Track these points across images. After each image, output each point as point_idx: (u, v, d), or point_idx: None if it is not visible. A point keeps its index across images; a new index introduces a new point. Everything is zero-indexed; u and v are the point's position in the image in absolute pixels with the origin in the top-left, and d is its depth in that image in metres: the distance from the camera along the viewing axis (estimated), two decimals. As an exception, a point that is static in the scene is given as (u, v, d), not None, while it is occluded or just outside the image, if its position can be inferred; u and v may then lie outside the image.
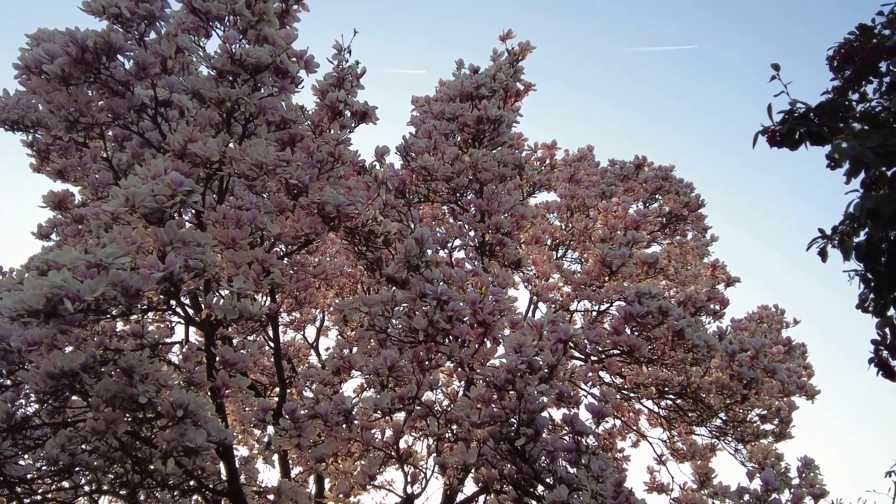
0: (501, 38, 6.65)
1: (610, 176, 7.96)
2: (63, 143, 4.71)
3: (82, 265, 3.28)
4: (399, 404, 4.07)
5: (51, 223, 6.51)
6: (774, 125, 2.29)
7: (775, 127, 2.28)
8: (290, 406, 4.16)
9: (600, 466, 4.24)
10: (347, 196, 4.09)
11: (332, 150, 4.20)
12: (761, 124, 2.31)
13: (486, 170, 5.36)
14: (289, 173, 3.97)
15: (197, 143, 3.91)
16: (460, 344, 4.17)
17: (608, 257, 5.60)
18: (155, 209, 3.46)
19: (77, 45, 3.65)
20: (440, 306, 4.10)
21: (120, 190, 3.44)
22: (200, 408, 3.72)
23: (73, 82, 3.87)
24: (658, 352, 5.16)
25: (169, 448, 3.68)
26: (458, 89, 5.68)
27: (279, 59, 4.05)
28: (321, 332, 9.04)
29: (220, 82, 4.10)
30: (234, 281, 3.98)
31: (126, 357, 3.70)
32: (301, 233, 4.07)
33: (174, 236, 3.61)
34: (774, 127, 2.28)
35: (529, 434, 4.06)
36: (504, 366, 3.91)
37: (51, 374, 3.51)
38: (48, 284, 3.10)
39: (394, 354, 4.06)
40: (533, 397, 4.02)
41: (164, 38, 3.87)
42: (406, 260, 4.09)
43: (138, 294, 3.40)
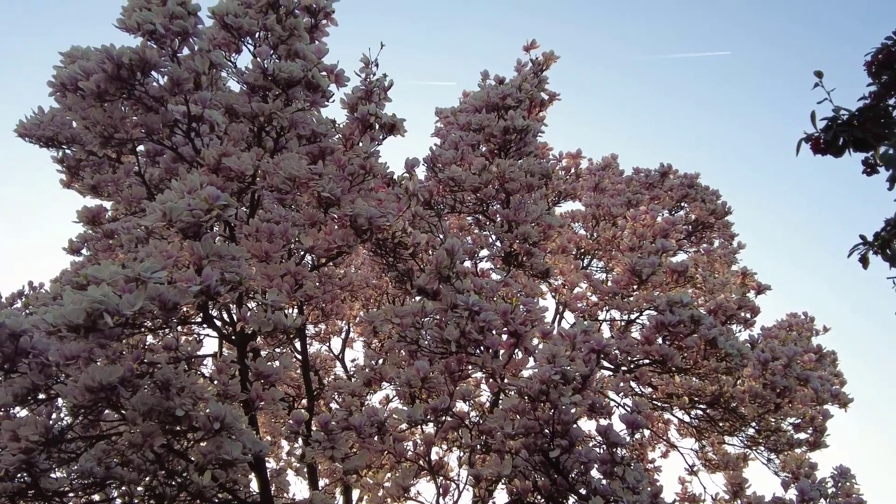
0: (525, 49, 6.66)
1: (635, 184, 7.93)
2: (96, 159, 4.78)
3: (121, 280, 3.32)
4: (432, 416, 4.07)
5: (81, 238, 6.60)
6: (818, 132, 2.27)
7: (819, 134, 2.26)
8: (323, 418, 4.17)
9: (636, 477, 4.21)
10: (378, 208, 4.11)
11: (363, 162, 4.23)
12: (804, 132, 2.29)
13: (513, 180, 5.36)
14: (321, 186, 3.99)
15: (231, 157, 3.95)
16: (492, 355, 4.16)
17: (637, 266, 5.57)
18: (192, 223, 3.49)
19: (113, 61, 3.70)
20: (472, 317, 4.10)
21: (157, 205, 3.48)
22: (236, 420, 3.74)
23: (108, 98, 3.93)
24: (690, 361, 5.12)
25: (205, 460, 3.70)
26: (485, 100, 5.69)
27: (310, 73, 4.08)
28: (346, 344, 9.07)
29: (252, 97, 4.14)
30: (267, 293, 4.01)
31: (162, 370, 3.73)
32: (333, 245, 4.09)
33: (210, 250, 3.64)
34: (818, 134, 2.27)
35: (564, 445, 4.03)
36: (537, 377, 3.90)
37: (89, 387, 3.54)
38: (88, 299, 3.14)
39: (426, 366, 4.06)
40: (567, 408, 4.00)
41: (197, 55, 3.92)
42: (437, 271, 4.10)
43: (176, 308, 3.43)
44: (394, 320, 4.30)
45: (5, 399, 3.86)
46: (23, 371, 3.88)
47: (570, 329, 4.14)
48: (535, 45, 6.69)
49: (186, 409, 3.73)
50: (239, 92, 4.18)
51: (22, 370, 3.89)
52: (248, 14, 4.24)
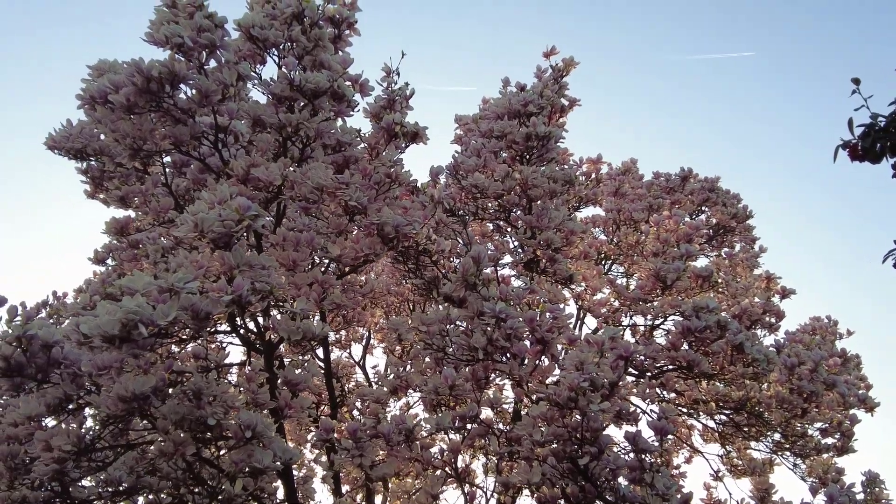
0: (545, 55, 6.68)
1: (656, 189, 7.91)
2: (124, 171, 4.83)
3: (154, 290, 3.35)
4: (460, 423, 4.08)
5: (107, 248, 6.67)
6: (856, 139, 2.27)
7: (857, 141, 2.26)
8: (352, 426, 4.19)
9: (665, 484, 4.19)
10: (404, 216, 4.13)
11: (388, 171, 4.25)
12: (841, 139, 2.29)
13: (536, 186, 5.37)
14: (348, 195, 4.02)
15: (259, 167, 3.99)
16: (519, 362, 4.17)
17: (662, 271, 5.55)
18: (223, 234, 3.52)
19: (142, 74, 3.75)
20: (498, 324, 4.10)
21: (189, 216, 3.51)
22: (267, 428, 3.77)
23: (137, 111, 3.97)
24: (716, 367, 5.10)
25: (237, 469, 3.73)
26: (506, 107, 5.70)
27: (336, 83, 4.11)
28: (367, 351, 9.09)
29: (278, 108, 4.18)
30: (296, 302, 4.04)
31: (194, 379, 3.76)
32: (361, 253, 4.12)
33: (241, 259, 3.67)
34: (856, 141, 2.26)
35: (593, 452, 4.03)
36: (566, 384, 3.89)
37: (122, 397, 3.58)
38: (123, 310, 3.18)
39: (453, 373, 4.07)
40: (596, 415, 3.99)
41: (224, 66, 3.96)
42: (464, 279, 4.11)
43: (208, 317, 3.46)
44: (420, 328, 4.31)
45: (38, 409, 3.91)
46: (55, 382, 3.93)
47: (598, 335, 4.13)
48: (555, 51, 6.70)
49: (218, 418, 3.76)
50: (266, 102, 4.22)
51: (54, 381, 3.94)
52: (274, 26, 4.28)
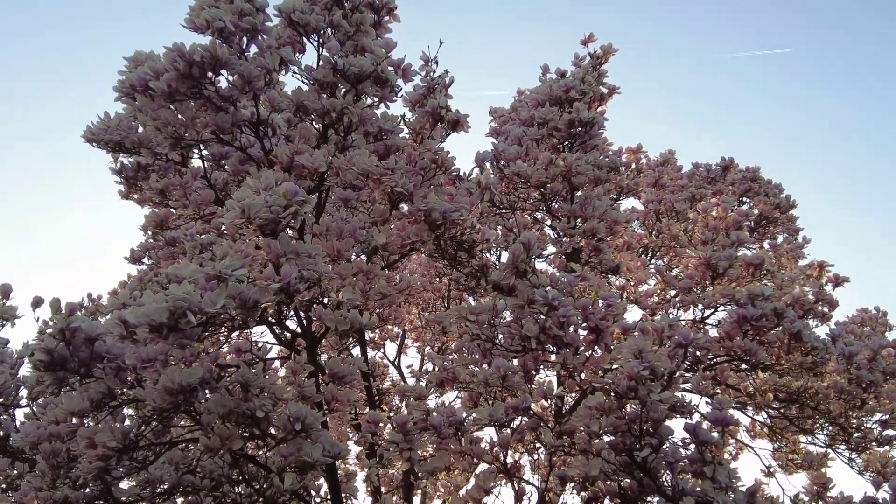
0: (583, 42, 6.53)
1: (698, 179, 7.71)
2: (162, 164, 4.76)
3: (202, 278, 3.25)
4: (513, 415, 3.93)
5: (143, 247, 6.62)
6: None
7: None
8: (400, 419, 4.06)
9: (728, 476, 4.02)
10: (451, 203, 4.01)
11: (433, 156, 4.13)
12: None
13: (580, 173, 5.21)
14: (394, 181, 3.90)
15: (303, 154, 3.88)
16: (573, 351, 4.02)
17: (713, 260, 5.37)
18: (271, 220, 3.42)
19: (185, 59, 3.66)
20: (551, 312, 3.96)
21: (235, 202, 3.41)
22: (316, 421, 3.65)
23: (178, 98, 3.89)
24: (773, 357, 4.90)
25: (286, 463, 3.61)
26: (547, 94, 5.56)
27: (380, 67, 4.00)
28: (402, 350, 8.98)
29: (320, 94, 4.07)
30: (342, 292, 3.92)
31: (241, 371, 3.65)
32: (407, 241, 3.99)
33: (288, 247, 3.57)
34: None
35: (654, 444, 3.86)
36: (625, 372, 3.74)
37: (169, 389, 3.48)
38: (171, 297, 3.08)
39: (506, 363, 3.93)
40: (656, 405, 3.83)
41: (267, 51, 3.86)
42: (514, 265, 3.96)
43: (256, 306, 3.36)
44: (469, 317, 4.18)
45: (82, 405, 3.82)
46: (98, 376, 3.84)
47: (658, 322, 3.97)
48: (593, 38, 6.55)
49: (266, 411, 3.65)
50: (309, 89, 4.11)
51: (96, 375, 3.85)
52: (314, 11, 4.18)
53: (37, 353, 3.61)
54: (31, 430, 4.42)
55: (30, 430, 4.42)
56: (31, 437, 4.36)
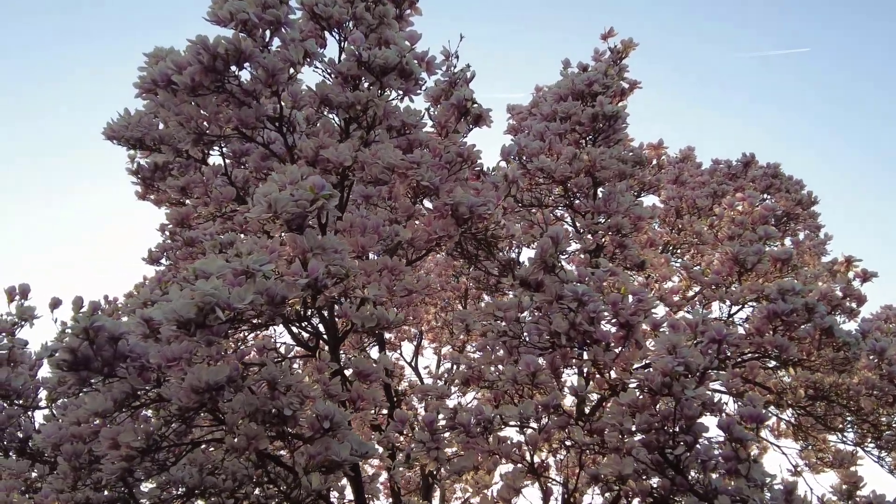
0: (603, 37, 6.45)
1: (719, 175, 7.62)
2: (183, 161, 4.70)
3: (229, 273, 3.19)
4: (543, 413, 3.85)
5: (161, 247, 6.57)
6: None
7: None
8: (428, 417, 3.99)
9: (763, 474, 3.93)
10: (478, 197, 3.93)
11: (459, 150, 4.06)
12: None
13: (605, 168, 5.13)
14: (420, 175, 3.83)
15: (328, 148, 3.82)
16: (604, 347, 3.93)
17: (741, 254, 5.27)
18: (298, 214, 3.35)
19: (208, 52, 3.60)
20: (581, 307, 3.88)
21: (261, 196, 3.34)
22: (345, 419, 3.58)
23: (201, 93, 3.83)
24: (803, 353, 4.80)
25: (314, 462, 3.54)
26: (570, 88, 5.48)
27: (405, 59, 3.93)
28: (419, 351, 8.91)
29: (344, 87, 4.01)
30: (368, 288, 3.85)
31: (268, 368, 3.58)
32: (434, 236, 3.92)
33: (314, 242, 3.50)
34: None
35: (689, 442, 3.77)
36: (659, 368, 3.65)
37: (195, 388, 3.41)
38: (199, 293, 3.01)
39: (536, 360, 3.85)
40: (690, 402, 3.74)
41: (291, 44, 3.80)
42: (542, 260, 3.89)
43: (284, 302, 3.29)
44: (497, 314, 4.10)
45: (105, 405, 3.75)
46: (121, 376, 3.77)
47: (692, 317, 3.88)
48: (613, 32, 6.47)
49: (294, 409, 3.58)
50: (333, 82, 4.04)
51: (120, 375, 3.78)
52: (337, 3, 4.12)
53: (60, 352, 3.55)
54: (52, 431, 4.36)
55: (51, 431, 4.36)
56: (53, 438, 4.30)
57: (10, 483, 4.87)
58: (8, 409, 5.05)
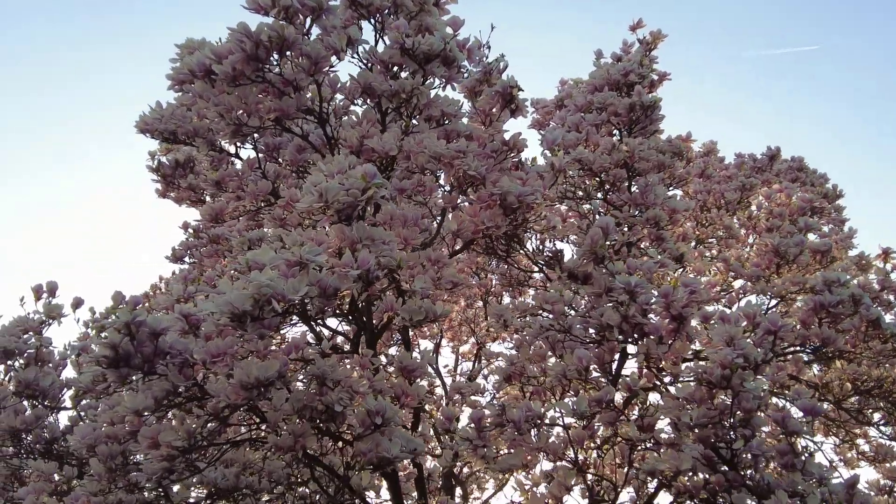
0: (631, 28, 6.35)
1: (746, 168, 7.52)
2: (216, 155, 4.60)
3: (282, 264, 3.08)
4: (597, 408, 3.74)
5: (184, 245, 6.47)
6: None
7: None
8: (476, 414, 3.88)
9: (820, 468, 3.83)
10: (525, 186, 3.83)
11: (505, 139, 3.95)
12: None
13: (644, 159, 5.03)
14: (466, 164, 3.72)
15: (372, 138, 3.72)
16: (657, 340, 3.83)
17: (782, 246, 5.17)
18: (349, 203, 3.25)
19: (251, 39, 3.50)
20: (633, 299, 3.78)
21: (311, 186, 3.24)
22: (396, 415, 3.48)
23: (241, 82, 3.72)
24: (850, 345, 4.70)
25: (365, 460, 3.43)
26: (605, 78, 5.38)
27: (448, 46, 3.83)
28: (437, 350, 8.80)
29: (386, 76, 3.91)
30: (415, 280, 3.75)
31: (317, 363, 3.47)
32: (481, 226, 3.81)
33: (364, 233, 3.40)
34: None
35: (748, 435, 3.67)
36: (717, 360, 3.55)
37: (245, 384, 3.31)
38: (255, 284, 2.91)
39: (589, 354, 3.74)
40: (748, 395, 3.64)
41: (334, 31, 3.70)
42: (592, 251, 3.78)
43: (336, 294, 3.19)
44: (544, 306, 3.99)
45: (146, 403, 3.64)
46: (161, 373, 3.66)
47: (749, 308, 3.78)
48: (642, 24, 6.37)
49: (345, 405, 3.47)
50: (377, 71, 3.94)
51: (160, 372, 3.67)
52: (377, -11, 4.02)
53: (100, 348, 3.44)
54: (87, 432, 4.25)
55: (86, 432, 4.25)
56: (88, 439, 4.19)
57: (39, 485, 4.75)
58: (36, 409, 4.94)
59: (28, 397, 4.93)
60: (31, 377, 4.84)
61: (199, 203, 6.56)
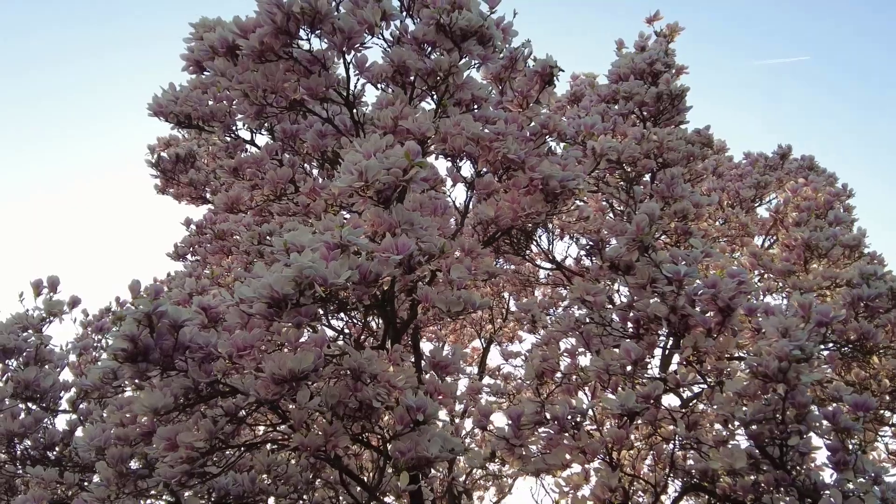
0: (648, 21, 6.20)
1: (760, 166, 7.41)
2: (233, 142, 4.36)
3: (322, 246, 2.86)
4: (645, 404, 3.54)
5: (187, 243, 6.21)
6: None
7: None
8: (514, 411, 3.67)
9: (875, 466, 3.66)
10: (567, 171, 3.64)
11: (544, 121, 3.77)
12: None
13: (673, 149, 4.87)
14: (507, 147, 3.53)
15: (407, 118, 3.51)
16: (706, 333, 3.65)
17: (814, 240, 5.03)
18: (390, 184, 3.03)
19: (283, 10, 3.28)
20: (681, 290, 3.59)
21: (351, 164, 3.02)
22: (437, 412, 3.25)
23: (268, 59, 3.50)
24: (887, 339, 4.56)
25: (405, 459, 3.20)
26: (630, 67, 5.22)
27: (486, 24, 3.64)
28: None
29: (420, 54, 3.70)
30: (452, 270, 3.54)
31: (353, 356, 3.24)
32: (521, 213, 3.61)
33: (403, 217, 3.18)
34: None
35: (803, 431, 3.50)
36: (774, 352, 3.37)
37: (278, 377, 3.07)
38: (296, 266, 2.69)
39: (638, 348, 3.54)
40: (803, 389, 3.46)
41: (366, 4, 3.49)
42: (639, 239, 3.60)
43: (376, 280, 2.97)
44: (586, 297, 3.80)
45: (165, 401, 3.38)
46: (180, 369, 3.41)
47: (802, 300, 3.62)
48: (659, 16, 6.22)
49: (382, 401, 3.24)
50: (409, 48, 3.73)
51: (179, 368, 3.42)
52: (408, -35, 3.82)
53: (117, 340, 3.19)
54: (95, 434, 4.00)
55: (94, 434, 4.00)
56: (97, 442, 3.94)
57: (40, 493, 4.46)
58: (35, 411, 4.65)
59: (27, 399, 4.65)
60: (32, 377, 4.56)
61: (200, 199, 6.32)
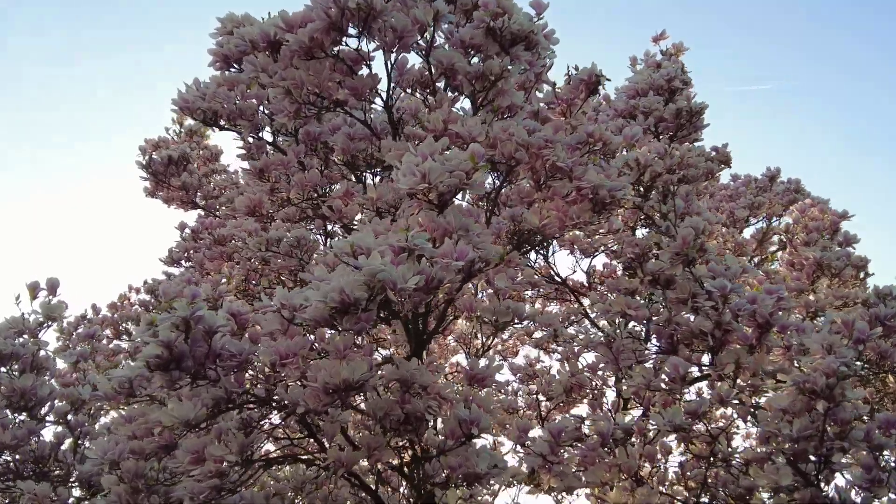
0: (654, 40, 6.27)
1: (753, 187, 7.52)
2: (257, 143, 4.19)
3: (388, 250, 2.73)
4: (691, 421, 3.49)
5: (182, 248, 5.98)
6: None
7: None
8: (554, 427, 3.57)
9: (907, 486, 3.68)
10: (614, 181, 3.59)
11: (590, 129, 3.71)
12: None
13: (693, 166, 4.88)
14: (556, 155, 3.46)
15: (456, 122, 3.41)
16: (748, 349, 3.62)
17: (825, 259, 5.09)
18: (454, 186, 2.92)
19: (338, 5, 3.16)
20: (725, 305, 3.57)
21: (412, 165, 2.90)
22: (489, 426, 3.13)
23: (315, 55, 3.37)
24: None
25: (454, 475, 3.07)
26: (648, 82, 5.24)
27: (535, 29, 3.58)
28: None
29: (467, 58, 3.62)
30: (497, 279, 3.45)
31: (403, 365, 3.10)
32: (569, 222, 3.54)
33: (459, 223, 3.07)
34: None
35: (847, 448, 3.49)
36: (821, 368, 3.36)
37: (329, 387, 2.92)
38: (369, 270, 2.55)
39: (685, 363, 3.49)
40: (846, 406, 3.46)
41: (419, 4, 3.40)
42: (684, 252, 3.56)
43: (439, 286, 2.85)
44: (627, 311, 3.74)
45: (197, 412, 3.20)
46: (212, 378, 3.22)
47: (847, 316, 3.63)
48: (665, 35, 6.30)
49: (434, 413, 3.11)
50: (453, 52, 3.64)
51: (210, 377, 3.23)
52: (453, -32, 3.75)
53: (150, 346, 3.01)
54: (108, 447, 3.74)
55: (107, 447, 3.74)
56: (111, 455, 3.69)
57: (35, 510, 4.17)
58: (27, 422, 4.36)
59: (20, 409, 4.35)
60: (27, 386, 4.27)
61: (190, 204, 6.10)
